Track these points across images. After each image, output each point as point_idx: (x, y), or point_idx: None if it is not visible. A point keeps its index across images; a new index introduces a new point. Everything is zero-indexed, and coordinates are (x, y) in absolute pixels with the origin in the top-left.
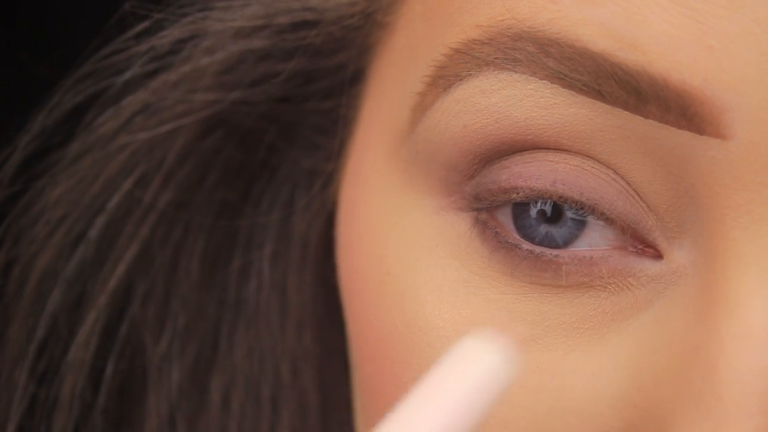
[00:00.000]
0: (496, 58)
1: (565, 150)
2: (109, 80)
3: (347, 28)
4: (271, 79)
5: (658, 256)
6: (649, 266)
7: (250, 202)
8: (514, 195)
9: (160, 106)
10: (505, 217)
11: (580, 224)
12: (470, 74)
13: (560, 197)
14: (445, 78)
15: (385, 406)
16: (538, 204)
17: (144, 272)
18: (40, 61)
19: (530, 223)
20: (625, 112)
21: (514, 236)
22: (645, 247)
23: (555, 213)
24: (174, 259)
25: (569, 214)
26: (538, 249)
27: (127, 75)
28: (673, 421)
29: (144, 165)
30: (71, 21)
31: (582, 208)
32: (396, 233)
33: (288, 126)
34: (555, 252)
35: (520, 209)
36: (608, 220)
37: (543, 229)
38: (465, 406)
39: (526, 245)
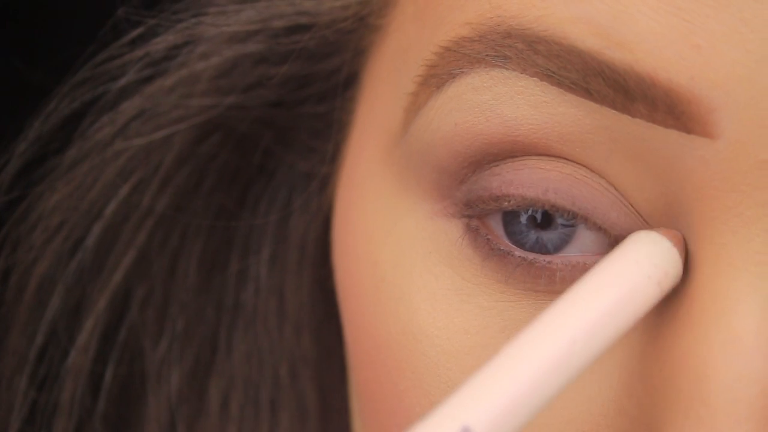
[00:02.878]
0: (487, 55)
1: (556, 155)
2: (105, 86)
3: (340, 32)
4: (265, 83)
5: None
6: None
7: (247, 205)
8: (505, 203)
9: (156, 111)
10: (496, 224)
11: (571, 229)
12: (462, 72)
13: (552, 206)
14: (437, 77)
15: (382, 410)
16: (529, 211)
17: (142, 277)
18: (35, 68)
19: (521, 229)
20: (613, 111)
21: (506, 243)
22: None
23: (545, 219)
24: (172, 264)
25: (560, 221)
26: (530, 255)
27: (123, 81)
28: (663, 429)
29: (141, 170)
30: (66, 27)
31: (574, 218)
32: (390, 239)
33: (283, 130)
34: (548, 258)
35: (510, 215)
36: (601, 230)
37: (533, 235)
38: (634, 297)
39: (518, 252)
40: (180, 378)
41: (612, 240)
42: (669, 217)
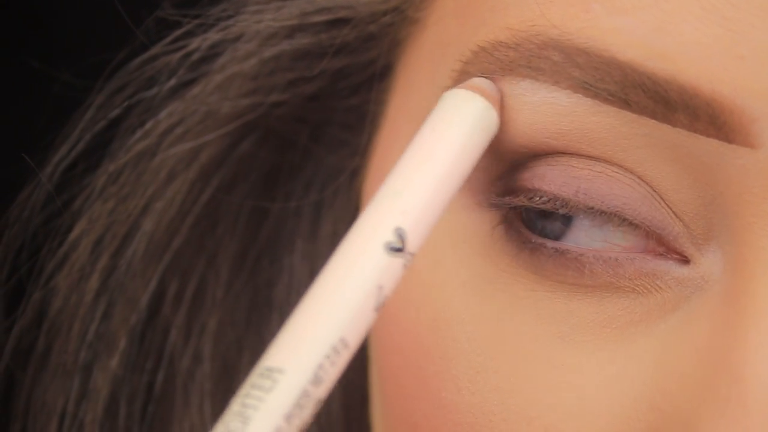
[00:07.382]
0: (520, 65)
1: (585, 155)
2: (142, 94)
3: (379, 25)
4: (305, 79)
5: (685, 260)
6: (677, 269)
7: (278, 202)
8: (537, 199)
9: (198, 116)
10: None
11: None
12: (492, 78)
13: (584, 207)
14: (469, 74)
15: (406, 396)
16: (559, 210)
17: (175, 278)
18: (64, 71)
19: (530, 217)
20: (652, 121)
21: (537, 235)
22: (672, 252)
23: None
24: (206, 264)
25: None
26: (563, 246)
27: (162, 86)
28: (696, 427)
29: (182, 176)
30: (92, 30)
31: (603, 215)
32: None
33: (315, 124)
34: (580, 251)
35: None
36: (632, 225)
37: (539, 223)
38: (459, 152)
39: (551, 243)
40: (210, 377)
41: (643, 236)
42: (705, 218)
